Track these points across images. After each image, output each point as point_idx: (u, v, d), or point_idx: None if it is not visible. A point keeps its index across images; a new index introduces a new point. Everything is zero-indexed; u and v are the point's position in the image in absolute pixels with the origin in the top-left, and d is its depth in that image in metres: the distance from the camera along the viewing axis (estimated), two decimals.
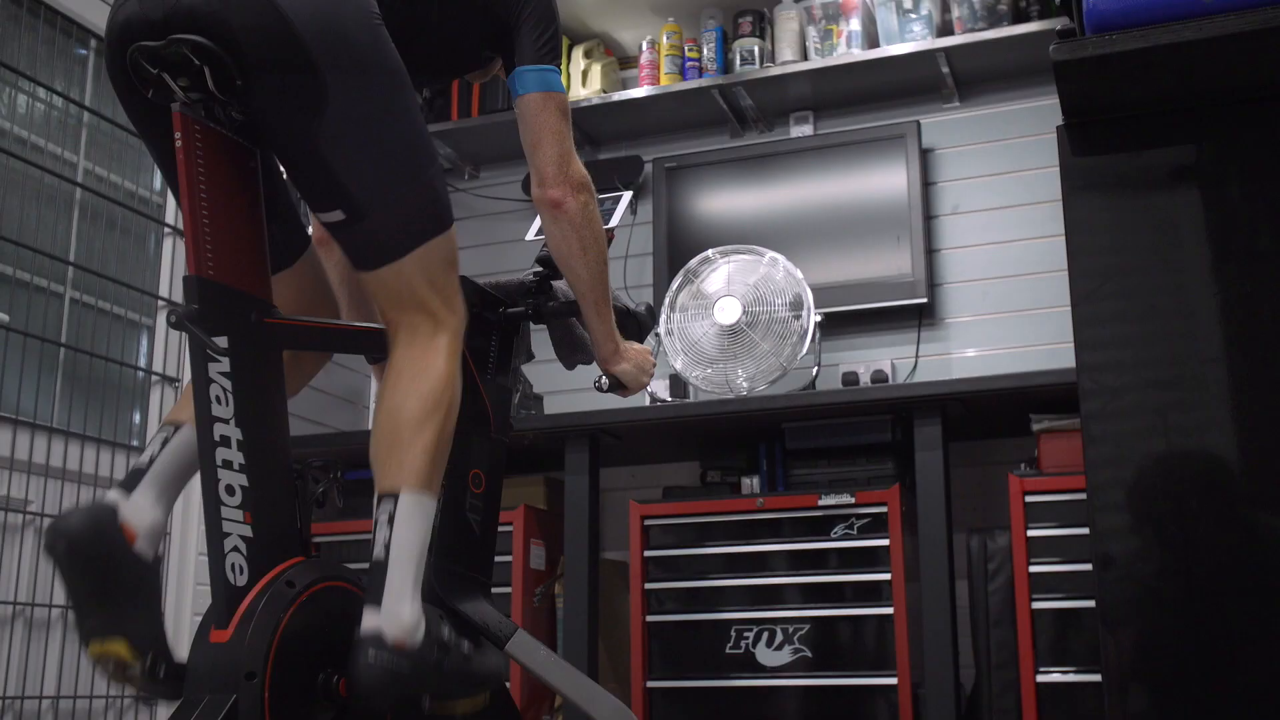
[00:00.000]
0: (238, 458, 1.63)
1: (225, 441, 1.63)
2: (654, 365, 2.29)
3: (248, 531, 1.63)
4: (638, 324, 2.31)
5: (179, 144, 1.62)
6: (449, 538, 2.04)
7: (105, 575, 1.63)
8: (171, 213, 3.59)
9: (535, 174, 2.04)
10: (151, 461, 1.74)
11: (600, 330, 2.16)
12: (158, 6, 1.64)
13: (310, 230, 2.18)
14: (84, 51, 3.36)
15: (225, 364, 1.63)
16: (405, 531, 1.67)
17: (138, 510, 1.69)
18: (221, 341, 1.63)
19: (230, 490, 1.62)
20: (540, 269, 2.25)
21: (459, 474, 2.08)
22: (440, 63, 2.10)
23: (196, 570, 3.42)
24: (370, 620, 1.64)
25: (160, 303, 3.51)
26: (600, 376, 2.24)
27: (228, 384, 1.63)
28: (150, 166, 3.57)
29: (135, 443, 3.37)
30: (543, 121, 2.02)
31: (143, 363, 3.46)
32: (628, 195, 2.62)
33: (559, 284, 2.27)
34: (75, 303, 3.23)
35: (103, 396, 3.28)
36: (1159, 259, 1.34)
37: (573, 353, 2.36)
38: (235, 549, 1.62)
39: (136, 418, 3.43)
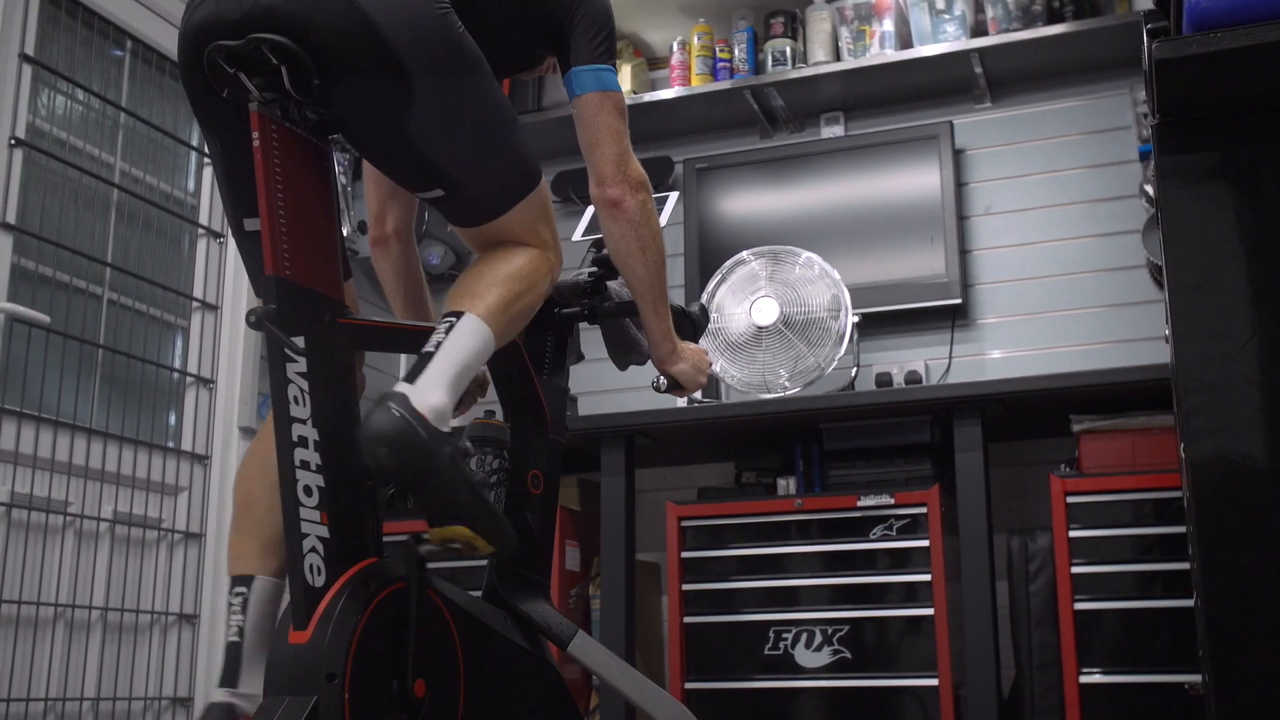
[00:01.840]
0: (314, 458, 1.63)
1: (302, 442, 1.62)
2: (710, 365, 2.29)
3: (324, 532, 1.62)
4: (692, 324, 2.31)
5: (257, 144, 1.61)
6: None
7: None
8: (205, 214, 3.59)
9: (594, 173, 2.04)
10: (241, 634, 1.73)
11: (658, 330, 2.15)
12: (235, 6, 1.63)
13: (367, 232, 2.18)
14: (120, 53, 3.36)
15: (302, 364, 1.63)
16: (458, 339, 1.68)
17: (250, 699, 1.69)
18: (299, 342, 1.62)
19: (308, 491, 1.62)
20: (596, 269, 2.25)
21: (518, 475, 2.07)
22: (496, 62, 2.10)
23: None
24: (400, 387, 1.61)
25: (194, 304, 3.50)
26: (658, 377, 2.24)
27: (304, 384, 1.63)
28: (184, 168, 3.57)
29: (171, 444, 3.36)
30: (601, 121, 2.02)
31: (177, 363, 3.45)
32: (674, 196, 2.61)
33: (613, 284, 2.27)
34: (112, 304, 3.22)
35: (140, 397, 3.28)
36: (1260, 256, 1.34)
37: (626, 354, 2.35)
38: (313, 549, 1.61)
39: (172, 418, 3.42)
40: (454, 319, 1.70)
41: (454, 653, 1.77)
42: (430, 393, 1.61)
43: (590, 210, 2.80)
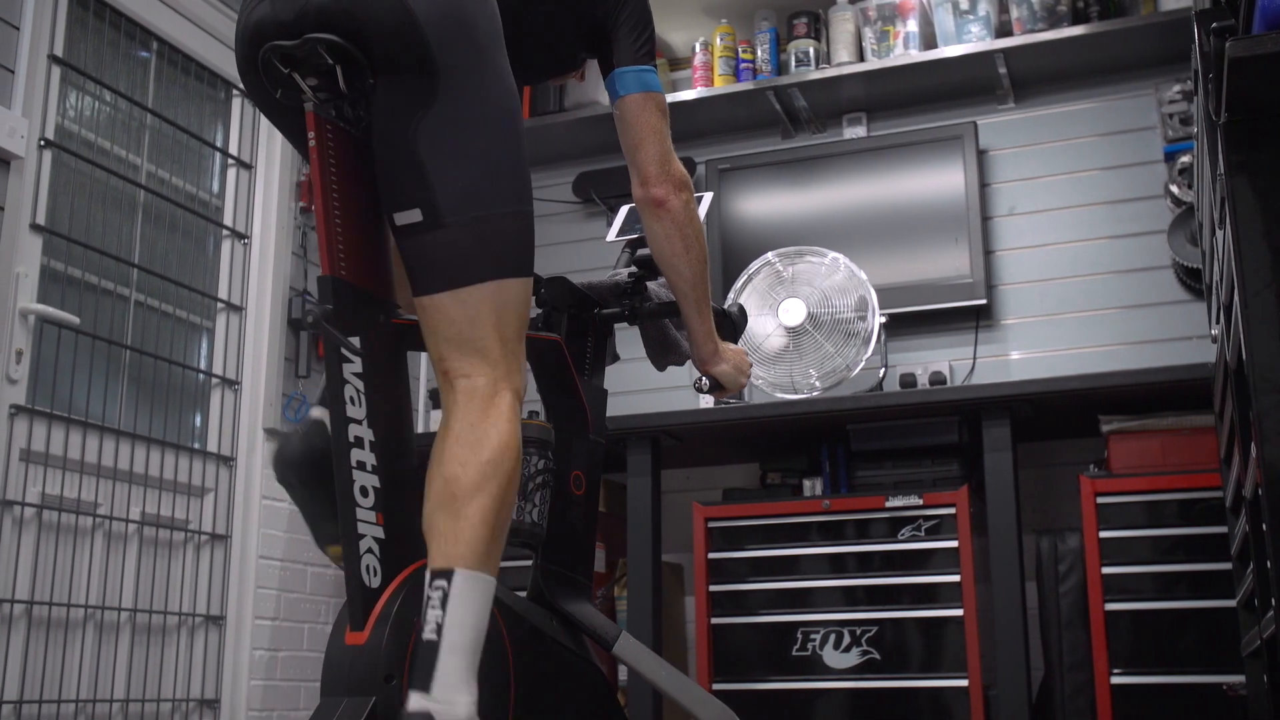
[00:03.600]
0: (370, 459, 1.62)
1: (359, 443, 1.62)
2: (750, 366, 2.28)
3: (380, 533, 1.62)
4: (732, 324, 2.30)
5: (312, 144, 1.61)
6: (553, 540, 2.03)
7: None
8: (230, 215, 3.58)
9: (637, 173, 2.04)
10: None
11: (701, 330, 2.15)
12: (288, 7, 1.63)
13: None
14: (146, 54, 3.36)
15: (358, 365, 1.62)
16: (460, 613, 1.51)
17: None
18: (355, 342, 1.62)
19: (364, 491, 1.61)
20: (636, 270, 2.25)
21: (561, 476, 2.07)
22: (539, 65, 2.10)
23: (255, 604, 3.41)
24: (417, 703, 1.47)
25: (219, 305, 3.50)
26: (699, 377, 2.23)
27: (360, 385, 1.62)
28: (209, 169, 3.57)
29: (196, 445, 3.36)
30: (644, 121, 2.02)
31: (203, 365, 3.45)
32: (708, 197, 2.60)
33: (652, 285, 2.27)
34: (139, 305, 3.22)
35: (166, 399, 3.28)
36: None
37: (665, 354, 2.35)
38: (369, 550, 1.61)
39: (198, 420, 3.42)
40: (445, 583, 1.52)
41: (504, 654, 1.77)
42: (453, 701, 1.48)
43: (623, 211, 2.80)
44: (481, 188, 1.65)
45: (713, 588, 3.27)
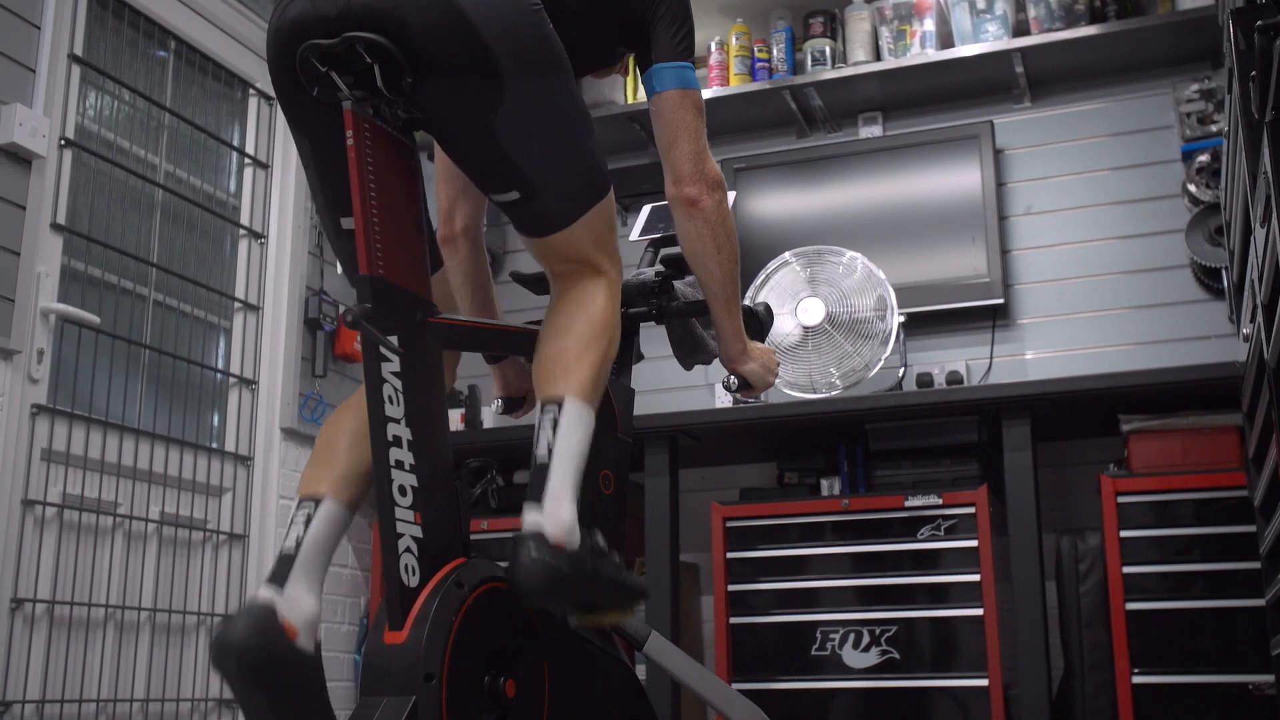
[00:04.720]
0: (408, 458, 1.62)
1: (397, 442, 1.61)
2: (778, 365, 2.28)
3: (418, 532, 1.62)
4: (759, 323, 2.30)
5: (350, 143, 1.60)
6: None
7: (275, 681, 1.57)
8: (246, 215, 3.58)
9: (670, 171, 2.02)
10: (299, 545, 1.66)
11: (729, 329, 2.14)
12: (331, 3, 1.62)
13: (436, 228, 2.17)
14: (164, 54, 3.35)
15: (396, 364, 1.62)
16: (569, 436, 1.69)
17: (294, 605, 1.61)
18: (393, 341, 1.61)
19: (402, 491, 1.61)
20: (664, 269, 2.24)
21: (591, 475, 2.06)
22: (576, 59, 2.09)
23: None
24: (531, 516, 1.63)
25: (236, 304, 3.50)
26: (728, 376, 2.23)
27: (399, 384, 1.62)
28: (226, 168, 3.57)
29: (214, 445, 3.36)
30: (680, 119, 2.01)
31: (220, 364, 3.44)
32: (731, 195, 2.60)
33: (678, 284, 2.26)
34: (157, 304, 3.22)
35: (185, 398, 3.27)
36: None
37: (692, 353, 2.34)
38: (408, 549, 1.60)
39: (215, 419, 3.42)
40: (556, 409, 1.71)
41: (539, 653, 1.77)
42: (559, 511, 1.64)
43: (646, 211, 2.79)
44: (560, 153, 1.78)
45: (731, 587, 3.27)
